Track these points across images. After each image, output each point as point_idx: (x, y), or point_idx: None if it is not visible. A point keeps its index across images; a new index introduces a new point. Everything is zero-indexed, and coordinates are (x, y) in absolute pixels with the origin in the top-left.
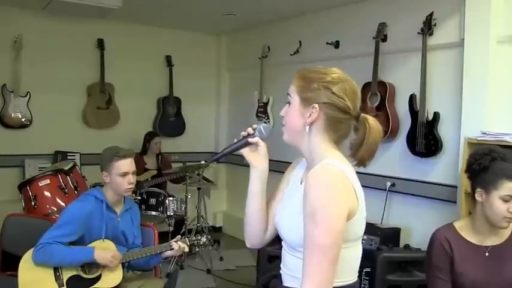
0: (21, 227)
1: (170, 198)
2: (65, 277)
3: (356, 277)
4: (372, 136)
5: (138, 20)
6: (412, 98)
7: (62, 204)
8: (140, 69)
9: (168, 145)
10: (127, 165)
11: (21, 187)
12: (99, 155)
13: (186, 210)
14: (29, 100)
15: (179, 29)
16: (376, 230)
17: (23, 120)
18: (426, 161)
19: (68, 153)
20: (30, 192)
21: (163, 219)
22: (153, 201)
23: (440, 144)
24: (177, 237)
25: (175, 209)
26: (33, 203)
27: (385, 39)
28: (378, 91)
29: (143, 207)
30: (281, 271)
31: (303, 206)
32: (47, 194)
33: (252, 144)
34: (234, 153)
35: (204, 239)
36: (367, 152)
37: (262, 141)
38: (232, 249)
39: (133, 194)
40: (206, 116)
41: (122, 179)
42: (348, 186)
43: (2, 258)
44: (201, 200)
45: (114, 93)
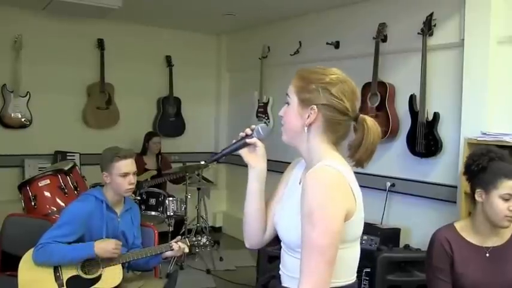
0: (21, 227)
1: (170, 199)
2: (64, 277)
3: (355, 277)
4: (371, 137)
5: (138, 20)
6: (412, 98)
7: (61, 204)
8: (140, 69)
9: (168, 145)
10: (127, 165)
11: (21, 187)
12: (99, 155)
13: (186, 210)
14: (28, 100)
15: (179, 29)
16: (376, 230)
17: (23, 120)
18: (426, 161)
19: (68, 153)
20: (30, 192)
21: (163, 220)
22: (153, 201)
23: (440, 144)
24: (177, 238)
25: (175, 209)
26: (33, 203)
27: (385, 40)
28: (378, 91)
29: (143, 207)
30: (280, 271)
31: (301, 206)
32: (47, 194)
33: (250, 144)
34: (233, 153)
35: (204, 240)
36: (366, 153)
37: (260, 142)
38: (232, 249)
39: (133, 194)
40: (206, 116)
41: (122, 180)
42: (346, 187)
43: (1, 258)
44: (201, 200)
45: (114, 93)
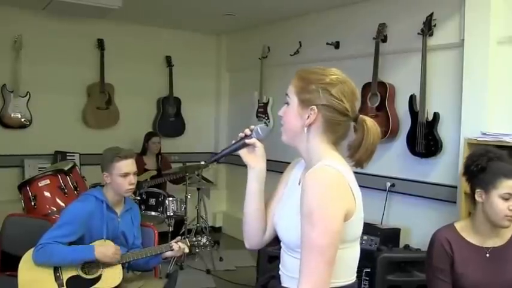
0: (20, 227)
1: (170, 199)
2: (64, 277)
3: (354, 277)
4: (370, 138)
5: (138, 20)
6: (412, 99)
7: (61, 204)
8: (140, 69)
9: (167, 145)
10: (128, 165)
11: (21, 187)
12: (99, 155)
13: (186, 210)
14: (28, 100)
15: (179, 29)
16: (376, 231)
17: (23, 120)
18: (426, 161)
19: (68, 154)
20: (30, 192)
21: (163, 220)
22: (152, 201)
23: (440, 144)
24: (177, 238)
25: (175, 209)
26: (32, 203)
27: (385, 40)
28: (378, 91)
29: (143, 208)
30: (280, 272)
31: (300, 206)
32: (47, 194)
33: (249, 145)
34: (232, 154)
35: (204, 240)
36: (365, 154)
37: (260, 142)
38: (232, 249)
39: (133, 194)
40: (206, 116)
41: (122, 180)
42: (345, 187)
43: (1, 258)
44: (201, 200)
45: (114, 94)
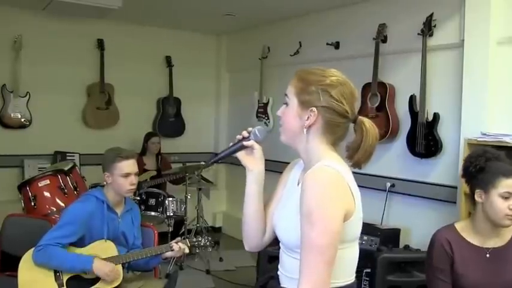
0: (20, 227)
1: (170, 199)
2: (64, 277)
3: (354, 278)
4: (369, 140)
5: (138, 21)
6: (412, 99)
7: (61, 204)
8: (140, 69)
9: (167, 146)
10: (129, 166)
11: (21, 187)
12: (99, 156)
13: (186, 210)
14: (28, 100)
15: (179, 29)
16: (376, 231)
17: (23, 120)
18: (426, 161)
19: (68, 154)
20: (29, 192)
21: (162, 220)
22: (152, 201)
23: (440, 145)
24: (177, 239)
25: (174, 209)
26: (32, 204)
27: (385, 40)
28: (378, 92)
29: (142, 208)
30: (278, 272)
31: (300, 206)
32: (47, 194)
33: (247, 147)
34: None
35: (204, 240)
36: (364, 155)
37: (258, 144)
38: (231, 249)
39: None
40: (206, 117)
41: (124, 180)
42: (345, 187)
43: (1, 258)
44: (200, 201)
45: (113, 94)
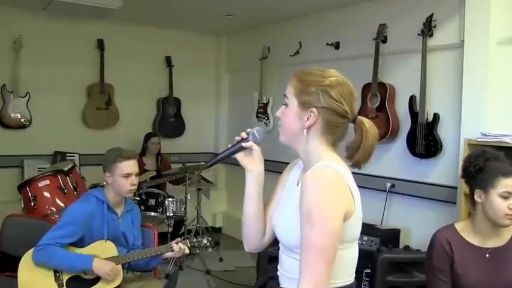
0: (20, 227)
1: (170, 199)
2: (64, 278)
3: (353, 278)
4: (369, 140)
5: (138, 21)
6: (412, 99)
7: (61, 204)
8: (140, 69)
9: (167, 146)
10: (130, 166)
11: (21, 188)
12: (99, 156)
13: (186, 211)
14: (28, 100)
15: (179, 29)
16: (376, 231)
17: (22, 120)
18: (426, 162)
19: (67, 154)
20: (29, 192)
21: (162, 220)
22: (152, 201)
23: (440, 145)
24: (177, 239)
25: (174, 209)
26: (32, 204)
27: (385, 41)
28: (378, 92)
29: (142, 208)
30: (278, 272)
31: (300, 207)
32: (47, 194)
33: (246, 148)
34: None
35: (204, 241)
36: (364, 155)
37: (256, 145)
38: (231, 250)
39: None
40: (206, 117)
41: (124, 180)
42: (344, 187)
43: (1, 259)
44: (200, 201)
45: (113, 94)
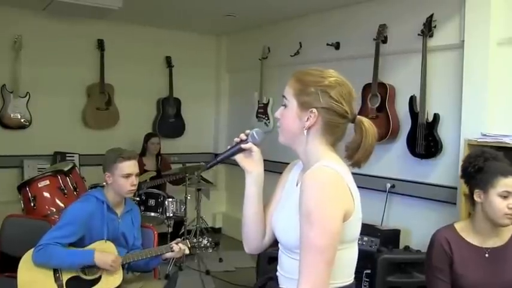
0: (20, 228)
1: (170, 199)
2: (64, 278)
3: (352, 278)
4: (369, 139)
5: (138, 21)
6: (412, 100)
7: (61, 205)
8: (140, 70)
9: (167, 146)
10: (131, 166)
11: (21, 188)
12: (99, 156)
13: (186, 211)
14: (28, 100)
15: (179, 29)
16: (376, 232)
17: (22, 120)
18: (426, 162)
19: (67, 154)
20: (29, 193)
21: (162, 220)
22: (152, 202)
23: (440, 145)
24: (177, 239)
25: (174, 210)
26: (32, 204)
27: (385, 41)
28: (378, 92)
29: (142, 208)
30: (277, 273)
31: (299, 206)
32: (46, 194)
33: (245, 150)
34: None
35: (205, 241)
36: (364, 155)
37: (256, 147)
38: (231, 250)
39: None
40: (206, 117)
41: (124, 181)
42: (344, 187)
43: (0, 259)
44: (200, 201)
45: (113, 94)
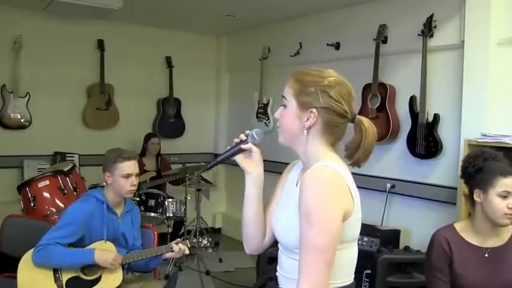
0: (20, 228)
1: (169, 200)
2: (64, 278)
3: (352, 278)
4: (368, 139)
5: (139, 21)
6: (412, 100)
7: (61, 205)
8: (140, 70)
9: (167, 146)
10: (130, 166)
11: (21, 188)
12: (99, 156)
13: (186, 211)
14: (28, 101)
15: (179, 30)
16: (376, 232)
17: (22, 121)
18: (426, 162)
19: (67, 154)
20: (29, 193)
21: (162, 221)
22: (152, 202)
23: (440, 145)
24: (177, 240)
25: (174, 210)
26: (32, 204)
27: (385, 41)
28: (379, 92)
29: (142, 209)
30: (277, 273)
31: (299, 206)
32: (46, 195)
33: (245, 150)
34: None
35: (205, 242)
36: (364, 154)
37: (256, 147)
38: (231, 250)
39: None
40: (206, 117)
41: (124, 181)
42: (344, 187)
43: (0, 259)
44: (200, 201)
45: (113, 94)
